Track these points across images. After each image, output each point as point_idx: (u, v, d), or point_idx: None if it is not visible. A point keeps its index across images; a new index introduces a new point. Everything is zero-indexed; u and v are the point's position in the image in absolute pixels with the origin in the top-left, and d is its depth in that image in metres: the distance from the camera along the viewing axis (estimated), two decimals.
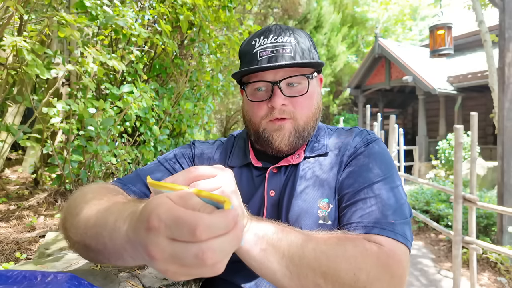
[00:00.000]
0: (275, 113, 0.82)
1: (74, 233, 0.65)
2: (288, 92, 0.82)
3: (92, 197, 0.69)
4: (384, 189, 0.75)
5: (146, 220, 0.40)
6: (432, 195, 6.05)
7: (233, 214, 0.40)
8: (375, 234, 0.68)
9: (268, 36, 0.84)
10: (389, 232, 0.68)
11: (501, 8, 4.12)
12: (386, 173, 0.78)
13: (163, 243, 0.39)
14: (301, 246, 0.61)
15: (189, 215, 0.38)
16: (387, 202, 0.73)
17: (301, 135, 0.84)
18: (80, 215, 0.65)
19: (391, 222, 0.69)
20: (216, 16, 2.80)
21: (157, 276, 0.86)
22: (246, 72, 0.82)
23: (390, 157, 0.85)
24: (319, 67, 0.87)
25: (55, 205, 2.08)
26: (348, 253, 0.62)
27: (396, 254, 0.65)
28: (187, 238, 0.38)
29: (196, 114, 3.20)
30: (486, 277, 3.96)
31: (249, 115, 0.88)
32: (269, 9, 9.37)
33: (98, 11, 1.92)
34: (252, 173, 0.89)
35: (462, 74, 9.61)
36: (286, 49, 0.82)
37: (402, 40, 19.28)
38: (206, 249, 0.38)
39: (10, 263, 1.33)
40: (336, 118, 14.06)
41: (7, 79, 1.93)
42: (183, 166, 0.91)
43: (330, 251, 0.62)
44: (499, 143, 4.21)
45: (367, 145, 0.84)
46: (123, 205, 0.58)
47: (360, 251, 0.63)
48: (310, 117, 0.85)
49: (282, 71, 0.82)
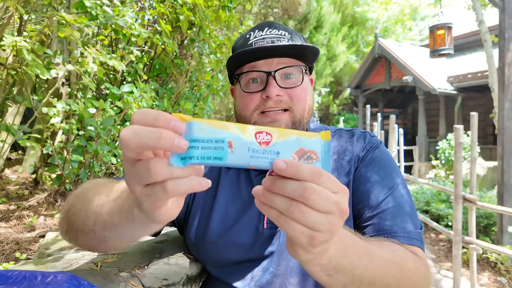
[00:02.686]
0: (269, 104, 0.81)
1: (76, 220, 0.65)
2: (283, 83, 0.82)
3: (92, 188, 0.70)
4: (400, 197, 0.78)
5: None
6: (432, 195, 6.05)
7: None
8: (413, 246, 0.71)
9: (263, 29, 0.84)
10: (419, 242, 0.72)
11: (501, 8, 4.12)
12: (397, 180, 0.80)
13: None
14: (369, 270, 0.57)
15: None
16: (405, 211, 0.76)
17: (297, 128, 0.84)
18: (83, 202, 0.66)
19: (418, 232, 0.73)
20: (216, 16, 2.80)
21: (157, 276, 0.86)
22: (242, 57, 0.81)
23: (395, 162, 0.87)
24: (314, 56, 0.86)
25: (55, 205, 2.08)
26: (408, 265, 0.65)
27: (427, 264, 0.70)
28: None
29: (196, 114, 3.20)
30: (486, 277, 3.96)
31: (239, 110, 0.87)
32: (269, 9, 9.37)
33: (98, 11, 1.92)
34: (250, 175, 0.89)
35: (462, 74, 9.61)
36: (281, 39, 0.82)
37: (402, 40, 19.28)
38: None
39: (10, 263, 1.33)
40: (336, 118, 14.06)
41: (7, 79, 1.93)
42: None
43: (394, 266, 0.62)
44: (499, 143, 4.21)
45: (374, 151, 0.85)
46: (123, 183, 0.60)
47: (415, 265, 0.66)
48: (306, 110, 0.85)
49: (277, 60, 0.81)
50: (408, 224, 0.73)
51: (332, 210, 0.42)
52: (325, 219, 0.42)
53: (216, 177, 0.90)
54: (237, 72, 0.87)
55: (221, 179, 0.89)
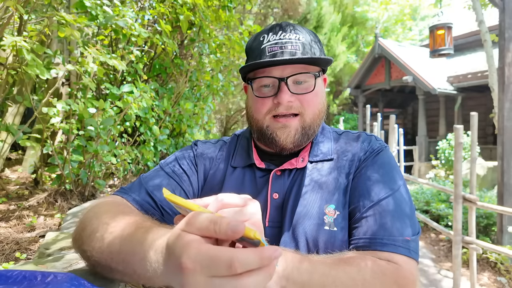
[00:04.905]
0: (280, 109, 0.81)
1: (96, 256, 0.65)
2: (294, 89, 0.82)
3: (108, 219, 0.68)
4: (397, 202, 0.76)
5: (179, 264, 0.41)
6: (432, 195, 6.05)
7: (268, 252, 0.40)
8: (391, 252, 0.69)
9: (277, 33, 0.83)
10: (404, 249, 0.69)
11: (501, 8, 4.12)
12: (397, 185, 0.79)
13: (201, 281, 0.39)
14: (322, 275, 0.60)
15: (223, 251, 0.39)
16: (400, 217, 0.74)
17: (306, 132, 0.84)
18: (101, 240, 0.65)
19: (406, 240, 0.71)
20: (216, 16, 2.80)
21: None
22: (254, 67, 0.81)
23: (398, 167, 0.86)
24: (327, 64, 0.86)
25: (55, 205, 2.08)
26: (366, 275, 0.63)
27: (412, 273, 0.67)
28: (225, 273, 0.38)
29: (196, 114, 3.20)
30: (486, 277, 3.96)
31: (252, 112, 0.88)
32: (269, 9, 9.37)
33: (98, 11, 1.92)
34: (255, 174, 0.88)
35: (462, 74, 9.61)
36: (294, 45, 0.81)
37: (402, 40, 19.29)
38: (243, 284, 0.39)
39: (10, 263, 1.33)
40: (336, 118, 14.07)
41: (7, 79, 1.93)
42: (183, 167, 0.91)
43: (346, 276, 0.61)
44: (499, 143, 4.21)
45: (377, 155, 0.85)
46: (146, 234, 0.58)
47: (379, 272, 0.64)
48: (316, 115, 0.85)
49: (289, 67, 0.81)
50: (400, 230, 0.72)
51: None
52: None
53: (221, 178, 0.90)
54: (250, 76, 0.87)
55: (226, 179, 0.89)
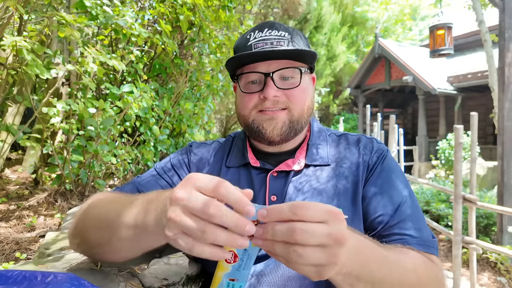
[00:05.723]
0: (267, 104, 0.82)
1: (87, 229, 0.71)
2: (281, 84, 0.82)
3: (96, 202, 0.75)
4: (414, 204, 0.80)
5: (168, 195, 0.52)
6: (432, 195, 6.05)
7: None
8: (431, 254, 0.74)
9: (263, 30, 0.84)
10: (435, 250, 0.75)
11: (501, 8, 4.12)
12: (408, 188, 0.83)
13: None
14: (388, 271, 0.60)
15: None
16: (420, 218, 0.79)
17: (294, 127, 0.84)
18: (91, 213, 0.72)
19: (434, 241, 0.76)
20: (216, 16, 2.80)
21: (157, 276, 0.86)
22: (239, 59, 0.82)
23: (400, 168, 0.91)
24: (312, 59, 0.87)
25: (55, 205, 2.08)
26: (426, 273, 0.68)
27: (442, 270, 0.74)
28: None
29: (196, 114, 3.20)
30: (486, 277, 3.96)
31: (239, 108, 0.89)
32: (269, 9, 9.37)
33: (98, 11, 1.92)
34: (250, 174, 0.89)
35: (462, 74, 9.61)
36: (281, 42, 0.82)
37: (402, 40, 19.27)
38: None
39: (10, 263, 1.33)
40: (336, 118, 14.06)
41: (7, 79, 1.93)
42: (175, 168, 0.93)
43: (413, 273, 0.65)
44: (499, 143, 4.21)
45: (384, 161, 0.86)
46: (131, 197, 0.66)
47: (432, 272, 0.70)
48: (304, 110, 0.85)
49: (275, 63, 0.82)
50: (424, 231, 0.77)
51: (326, 243, 0.45)
52: (323, 254, 0.45)
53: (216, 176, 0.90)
54: (237, 73, 0.87)
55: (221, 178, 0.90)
